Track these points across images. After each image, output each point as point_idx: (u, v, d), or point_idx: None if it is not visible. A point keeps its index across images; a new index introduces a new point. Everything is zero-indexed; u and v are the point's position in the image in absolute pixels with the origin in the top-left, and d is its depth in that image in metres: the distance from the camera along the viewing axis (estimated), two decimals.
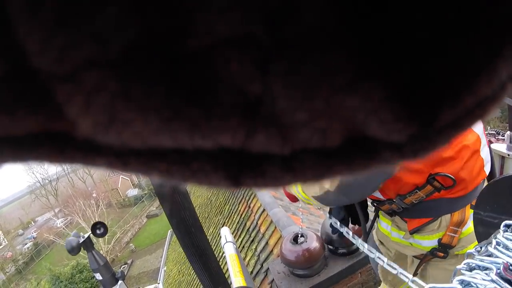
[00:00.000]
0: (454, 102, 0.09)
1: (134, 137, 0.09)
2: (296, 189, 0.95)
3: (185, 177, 0.10)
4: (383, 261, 0.89)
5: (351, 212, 1.12)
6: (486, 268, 0.42)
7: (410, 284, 0.78)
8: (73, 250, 1.72)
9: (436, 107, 0.09)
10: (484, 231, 0.57)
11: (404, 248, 1.04)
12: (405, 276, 0.81)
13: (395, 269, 0.84)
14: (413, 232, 0.95)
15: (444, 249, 0.94)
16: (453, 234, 0.91)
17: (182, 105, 0.09)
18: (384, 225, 1.10)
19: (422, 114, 0.09)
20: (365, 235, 1.10)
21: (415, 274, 1.01)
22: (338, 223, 1.14)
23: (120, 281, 1.86)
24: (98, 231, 1.78)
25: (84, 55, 0.08)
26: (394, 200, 0.92)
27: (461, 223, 0.91)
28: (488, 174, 0.93)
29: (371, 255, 0.95)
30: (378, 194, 0.94)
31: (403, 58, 0.08)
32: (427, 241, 0.96)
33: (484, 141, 0.90)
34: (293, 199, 1.16)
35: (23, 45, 0.08)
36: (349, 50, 0.08)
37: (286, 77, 0.08)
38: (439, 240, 0.93)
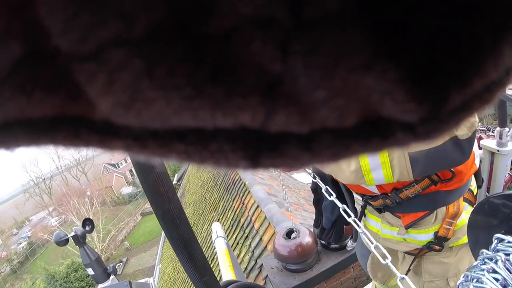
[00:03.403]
0: (462, 85, 0.09)
1: (155, 116, 0.09)
2: None
3: (204, 158, 0.10)
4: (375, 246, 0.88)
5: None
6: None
7: (398, 282, 0.78)
8: (61, 242, 1.77)
9: (445, 89, 0.09)
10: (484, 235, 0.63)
11: (396, 245, 1.02)
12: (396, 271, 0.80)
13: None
14: (408, 226, 0.94)
15: (440, 242, 0.93)
16: (448, 227, 0.91)
17: (204, 84, 0.09)
18: (373, 223, 1.08)
19: (432, 95, 0.09)
20: (355, 234, 1.09)
21: (408, 270, 1.00)
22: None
23: (112, 276, 1.87)
24: (87, 227, 1.84)
25: (110, 34, 0.08)
26: (389, 195, 0.90)
27: (456, 215, 0.91)
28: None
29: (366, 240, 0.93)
30: (373, 189, 0.92)
31: (415, 41, 0.08)
32: (423, 235, 0.94)
33: None
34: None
35: (44, 25, 0.08)
36: (365, 33, 0.08)
37: (306, 57, 0.08)
38: (435, 233, 0.92)
